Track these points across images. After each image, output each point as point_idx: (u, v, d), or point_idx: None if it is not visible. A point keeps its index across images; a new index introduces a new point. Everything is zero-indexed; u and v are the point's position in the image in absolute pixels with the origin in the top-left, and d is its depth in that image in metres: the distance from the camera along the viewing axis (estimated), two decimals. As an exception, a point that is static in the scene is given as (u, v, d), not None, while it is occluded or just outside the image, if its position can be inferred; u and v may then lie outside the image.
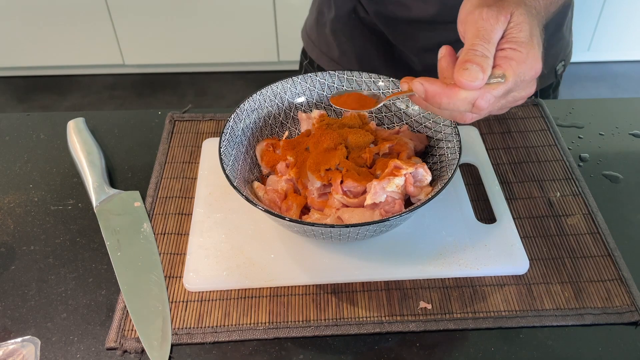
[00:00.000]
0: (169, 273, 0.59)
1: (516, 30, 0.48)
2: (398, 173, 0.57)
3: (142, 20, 2.28)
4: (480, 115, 0.49)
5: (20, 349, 0.51)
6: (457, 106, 0.47)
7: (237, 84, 2.49)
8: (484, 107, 0.47)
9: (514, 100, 0.51)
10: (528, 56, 0.47)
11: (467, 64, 0.46)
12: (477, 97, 0.47)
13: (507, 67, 0.47)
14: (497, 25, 0.47)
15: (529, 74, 0.48)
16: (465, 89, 0.46)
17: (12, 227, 0.65)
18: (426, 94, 0.48)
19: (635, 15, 2.33)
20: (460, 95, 0.47)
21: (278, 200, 0.60)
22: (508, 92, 0.48)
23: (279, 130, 0.69)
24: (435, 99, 0.48)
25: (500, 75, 0.47)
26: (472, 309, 0.55)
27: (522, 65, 0.47)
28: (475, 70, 0.46)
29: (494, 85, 0.47)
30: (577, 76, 2.46)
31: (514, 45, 0.47)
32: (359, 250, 0.60)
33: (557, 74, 0.91)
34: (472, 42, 0.47)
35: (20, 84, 2.50)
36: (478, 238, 0.61)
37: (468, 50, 0.47)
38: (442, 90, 0.47)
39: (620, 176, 0.70)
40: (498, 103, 0.49)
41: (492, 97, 0.47)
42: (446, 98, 0.47)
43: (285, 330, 0.54)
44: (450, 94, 0.47)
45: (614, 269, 0.59)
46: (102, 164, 0.70)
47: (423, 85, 0.48)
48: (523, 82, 0.48)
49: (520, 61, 0.47)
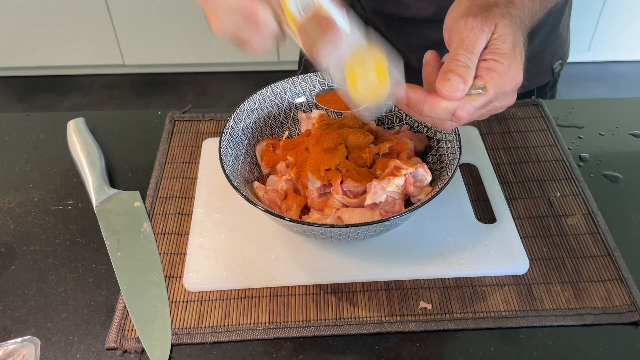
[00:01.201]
0: (169, 273, 0.59)
1: (500, 42, 0.48)
2: (398, 173, 0.57)
3: (142, 20, 2.28)
4: (460, 123, 0.50)
5: (20, 349, 0.51)
6: (437, 114, 0.48)
7: (237, 84, 2.49)
8: (463, 117, 0.48)
9: (494, 109, 0.52)
10: (510, 68, 0.48)
11: (449, 75, 0.47)
12: (457, 107, 0.48)
13: (489, 78, 0.47)
14: (481, 36, 0.48)
15: (510, 85, 0.49)
16: (446, 99, 0.47)
17: (12, 227, 0.65)
18: (408, 101, 0.49)
19: (635, 15, 2.33)
20: (441, 104, 0.48)
21: (278, 200, 0.60)
22: (488, 103, 0.49)
23: (279, 130, 0.69)
24: (417, 106, 0.49)
25: (481, 87, 0.48)
26: (472, 309, 0.55)
27: (503, 77, 0.48)
28: (457, 82, 0.46)
29: (474, 97, 0.48)
30: (577, 76, 2.46)
31: (497, 57, 0.48)
32: (359, 250, 0.60)
33: (554, 72, 0.91)
34: (455, 52, 0.48)
35: (20, 84, 2.50)
36: (478, 238, 0.61)
37: (451, 60, 0.48)
38: (424, 99, 0.48)
39: (620, 176, 0.70)
40: (477, 113, 0.50)
41: (472, 107, 0.48)
42: (427, 106, 0.48)
43: (285, 330, 0.54)
44: (432, 102, 0.48)
45: (614, 269, 0.59)
46: (102, 164, 0.70)
47: (406, 92, 0.49)
48: (503, 93, 0.49)
49: (502, 73, 0.48)
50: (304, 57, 0.99)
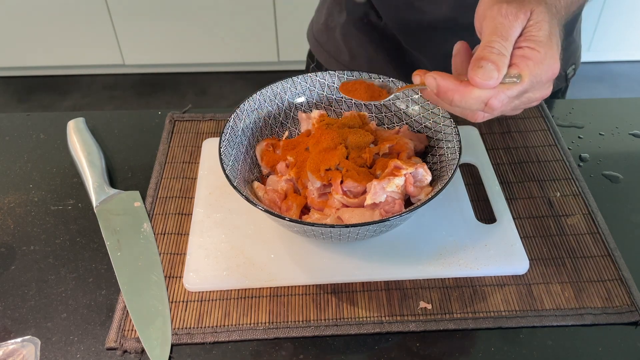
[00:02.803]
0: (169, 273, 0.59)
1: (535, 29, 0.46)
2: (398, 173, 0.57)
3: (142, 20, 2.28)
4: (492, 115, 0.48)
5: (20, 349, 0.51)
6: (469, 104, 0.46)
7: (237, 84, 2.49)
8: (496, 107, 0.46)
9: (529, 101, 0.49)
10: (546, 56, 0.46)
11: (482, 62, 0.45)
12: (490, 97, 0.45)
13: (524, 67, 0.45)
14: (516, 23, 0.46)
15: (546, 75, 0.46)
16: (478, 88, 0.45)
17: (12, 227, 0.65)
18: (438, 89, 0.47)
19: (635, 15, 2.33)
20: (474, 93, 0.45)
21: (278, 200, 0.60)
22: (523, 92, 0.47)
23: (279, 130, 0.69)
24: (447, 95, 0.47)
25: (515, 75, 0.45)
26: (472, 309, 0.55)
27: (540, 65, 0.46)
28: (490, 69, 0.44)
29: (508, 85, 0.46)
30: (577, 76, 2.44)
31: (532, 45, 0.46)
32: (359, 250, 0.60)
33: (567, 78, 0.90)
34: (489, 39, 0.46)
35: (20, 84, 2.50)
36: (478, 238, 0.61)
37: (484, 47, 0.45)
38: (455, 87, 0.46)
39: (620, 176, 0.70)
40: (512, 103, 0.48)
41: (505, 97, 0.46)
42: (458, 95, 0.46)
43: (285, 330, 0.54)
44: (463, 91, 0.46)
45: (614, 269, 0.59)
46: (102, 164, 0.70)
47: (436, 79, 0.47)
48: (539, 83, 0.47)
49: (538, 61, 0.45)
50: (311, 65, 0.98)
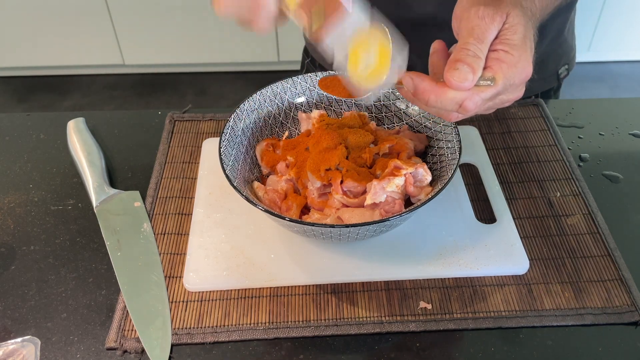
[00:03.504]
0: (169, 273, 0.59)
1: (510, 32, 0.47)
2: (398, 173, 0.57)
3: (142, 20, 2.28)
4: (466, 115, 0.49)
5: (20, 349, 0.51)
6: (444, 105, 0.47)
7: (237, 84, 2.49)
8: (470, 109, 0.47)
9: (501, 102, 0.50)
10: (520, 59, 0.47)
11: (458, 64, 0.45)
12: (464, 98, 0.46)
13: (498, 69, 0.46)
14: (492, 25, 0.47)
15: (519, 77, 0.48)
16: (454, 89, 0.46)
17: (12, 227, 0.65)
18: (415, 90, 0.48)
19: (635, 15, 2.33)
20: (449, 94, 0.46)
21: (278, 200, 0.60)
22: (496, 95, 0.48)
23: (279, 130, 0.69)
24: (423, 95, 0.47)
25: (490, 78, 0.46)
26: (472, 309, 0.55)
27: (513, 69, 0.47)
28: (466, 71, 0.45)
29: (482, 88, 0.47)
30: (577, 76, 2.46)
31: (507, 48, 0.47)
32: (359, 250, 0.60)
33: (559, 77, 0.90)
34: (465, 41, 0.47)
35: (20, 84, 2.50)
36: (478, 238, 0.61)
37: (461, 49, 0.46)
38: (430, 88, 0.47)
39: (620, 176, 0.70)
40: (485, 105, 0.49)
41: (480, 99, 0.47)
42: (434, 96, 0.47)
43: (285, 330, 0.54)
44: (439, 92, 0.47)
45: (614, 269, 0.59)
46: (102, 164, 0.70)
47: (413, 80, 0.48)
48: (512, 85, 0.48)
49: (512, 65, 0.46)
50: (306, 60, 0.99)
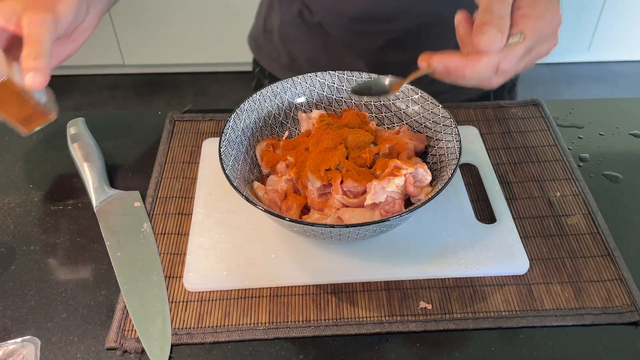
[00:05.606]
0: (169, 273, 0.59)
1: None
2: (398, 173, 0.57)
3: (142, 20, 2.28)
4: (506, 77, 0.49)
5: (20, 349, 0.51)
6: (481, 74, 0.47)
7: (237, 84, 2.49)
8: (507, 69, 0.47)
9: (538, 55, 0.50)
10: (546, 10, 0.46)
11: (485, 27, 0.45)
12: (499, 61, 0.46)
13: (525, 24, 0.46)
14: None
15: (550, 27, 0.47)
16: (485, 53, 0.46)
17: (12, 227, 0.65)
18: (448, 70, 0.48)
19: (635, 15, 2.33)
20: (482, 62, 0.46)
21: (278, 200, 0.60)
22: (529, 49, 0.47)
23: (279, 130, 0.69)
24: (458, 72, 0.47)
25: (519, 35, 0.46)
26: (472, 309, 0.55)
27: (540, 20, 0.46)
28: (493, 33, 0.45)
29: (514, 46, 0.46)
30: (577, 76, 2.46)
31: (530, 2, 0.46)
32: (359, 250, 0.60)
33: None
34: (486, 4, 0.46)
35: (20, 84, 2.50)
36: (478, 238, 0.61)
37: (484, 12, 0.46)
38: (463, 63, 0.47)
39: (620, 176, 0.70)
40: (522, 62, 0.48)
41: (514, 58, 0.46)
42: (469, 69, 0.47)
43: (285, 330, 0.54)
44: (472, 64, 0.46)
45: (614, 269, 0.59)
46: (102, 164, 0.70)
47: (443, 61, 0.48)
48: (544, 36, 0.47)
49: (538, 17, 0.46)
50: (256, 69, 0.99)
